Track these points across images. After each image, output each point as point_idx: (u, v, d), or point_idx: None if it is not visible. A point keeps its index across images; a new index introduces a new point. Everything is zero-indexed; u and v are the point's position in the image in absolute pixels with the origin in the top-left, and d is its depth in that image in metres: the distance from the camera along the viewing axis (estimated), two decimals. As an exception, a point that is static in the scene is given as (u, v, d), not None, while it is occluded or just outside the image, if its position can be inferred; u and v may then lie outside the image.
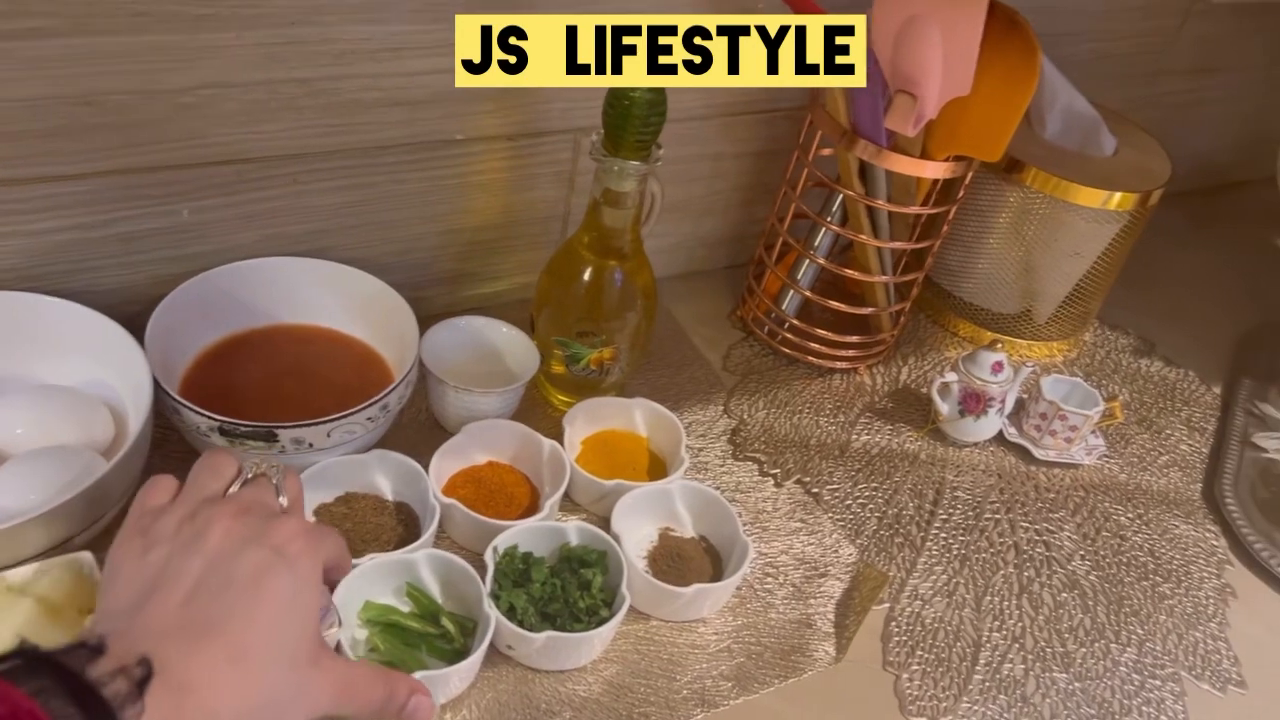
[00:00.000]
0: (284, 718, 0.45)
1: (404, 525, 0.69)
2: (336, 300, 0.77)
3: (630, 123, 0.67)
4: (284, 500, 0.51)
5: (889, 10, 0.69)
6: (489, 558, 0.65)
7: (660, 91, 0.66)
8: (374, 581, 0.63)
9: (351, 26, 0.67)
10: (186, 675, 0.41)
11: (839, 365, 0.92)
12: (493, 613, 0.61)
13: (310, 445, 0.66)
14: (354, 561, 0.61)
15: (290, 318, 0.77)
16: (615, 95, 0.66)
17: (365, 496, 0.70)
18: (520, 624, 0.62)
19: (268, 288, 0.75)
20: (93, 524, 0.60)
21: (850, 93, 0.77)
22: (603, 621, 0.64)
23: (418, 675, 0.57)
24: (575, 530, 0.68)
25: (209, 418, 0.64)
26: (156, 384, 0.64)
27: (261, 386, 0.73)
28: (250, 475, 0.52)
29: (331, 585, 0.56)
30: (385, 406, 0.68)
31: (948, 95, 0.70)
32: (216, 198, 0.71)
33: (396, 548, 0.66)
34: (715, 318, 0.96)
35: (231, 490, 0.51)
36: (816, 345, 0.90)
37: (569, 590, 0.65)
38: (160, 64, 0.64)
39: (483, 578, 0.63)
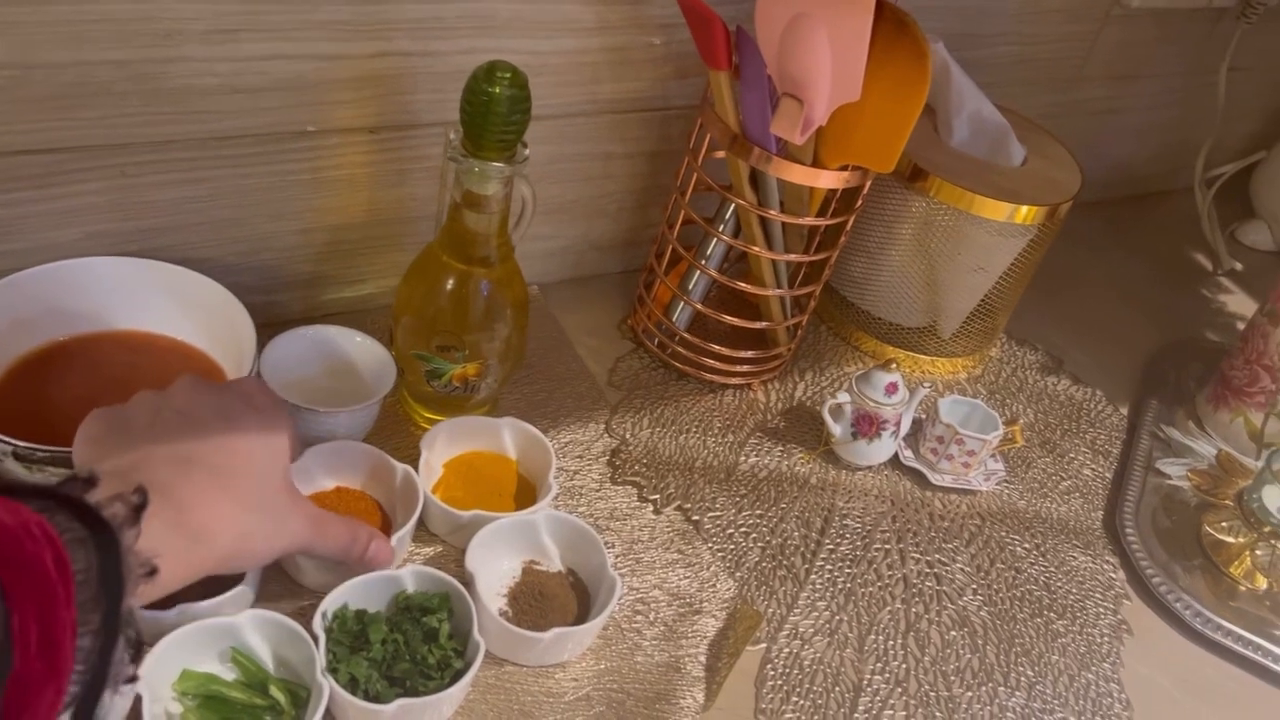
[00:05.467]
0: (270, 540, 0.51)
1: (233, 559, 0.62)
2: (171, 305, 0.69)
3: (491, 120, 0.61)
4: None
5: (773, 6, 0.63)
6: (318, 626, 0.57)
7: (524, 87, 0.60)
8: (192, 647, 0.56)
9: (174, 4, 0.60)
10: (180, 496, 0.45)
11: (733, 381, 0.87)
12: (327, 682, 0.54)
13: (122, 472, 0.59)
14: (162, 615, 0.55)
15: (118, 324, 0.69)
16: (473, 91, 0.60)
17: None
18: (365, 695, 0.56)
19: (91, 291, 0.68)
20: None
21: (739, 95, 0.72)
22: (459, 675, 0.58)
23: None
24: (411, 575, 0.61)
25: (1, 442, 0.56)
26: (-58, 401, 0.57)
27: (82, 401, 0.64)
28: None
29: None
30: (211, 428, 0.61)
31: (837, 101, 0.65)
32: (27, 190, 0.64)
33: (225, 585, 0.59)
34: (605, 327, 0.90)
35: None
36: (710, 360, 0.85)
37: (413, 645, 0.59)
38: (-53, 40, 0.56)
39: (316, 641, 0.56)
